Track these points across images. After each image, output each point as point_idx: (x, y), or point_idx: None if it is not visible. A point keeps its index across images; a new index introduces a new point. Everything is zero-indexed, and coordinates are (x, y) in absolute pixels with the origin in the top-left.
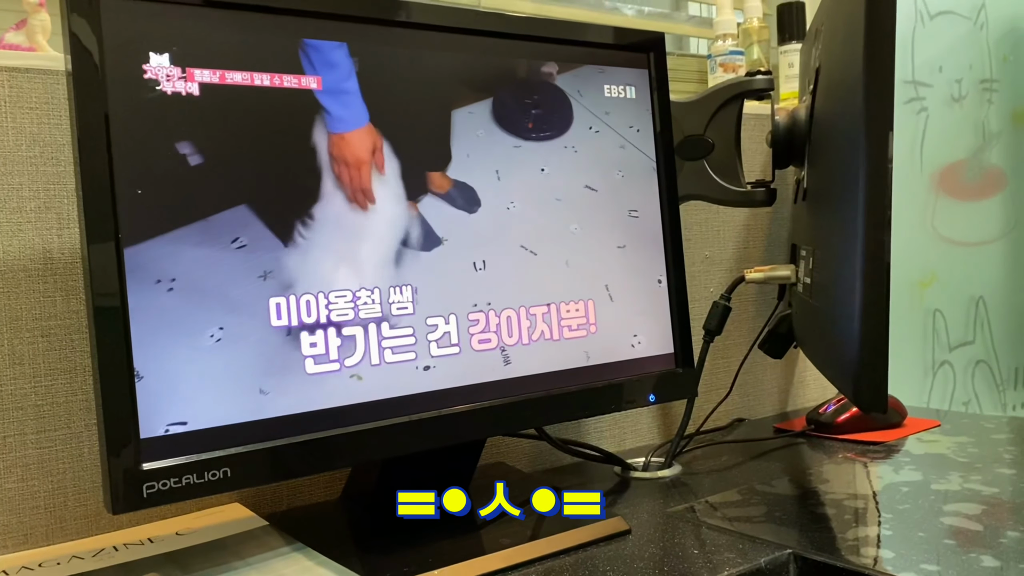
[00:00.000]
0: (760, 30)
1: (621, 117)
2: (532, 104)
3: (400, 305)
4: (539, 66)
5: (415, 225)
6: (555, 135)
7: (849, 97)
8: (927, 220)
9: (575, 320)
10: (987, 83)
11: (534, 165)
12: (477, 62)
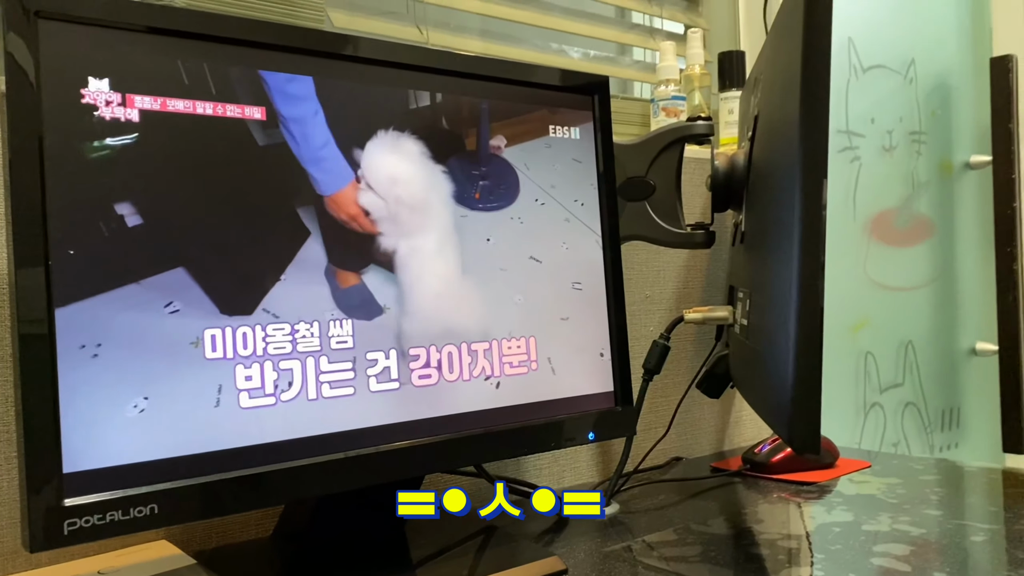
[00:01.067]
0: (702, 77)
1: (567, 191)
2: (480, 175)
3: (339, 339)
4: (487, 139)
5: (356, 294)
6: (502, 206)
7: (786, 145)
8: (860, 265)
9: (516, 357)
10: (916, 135)
11: (480, 235)
12: (427, 119)
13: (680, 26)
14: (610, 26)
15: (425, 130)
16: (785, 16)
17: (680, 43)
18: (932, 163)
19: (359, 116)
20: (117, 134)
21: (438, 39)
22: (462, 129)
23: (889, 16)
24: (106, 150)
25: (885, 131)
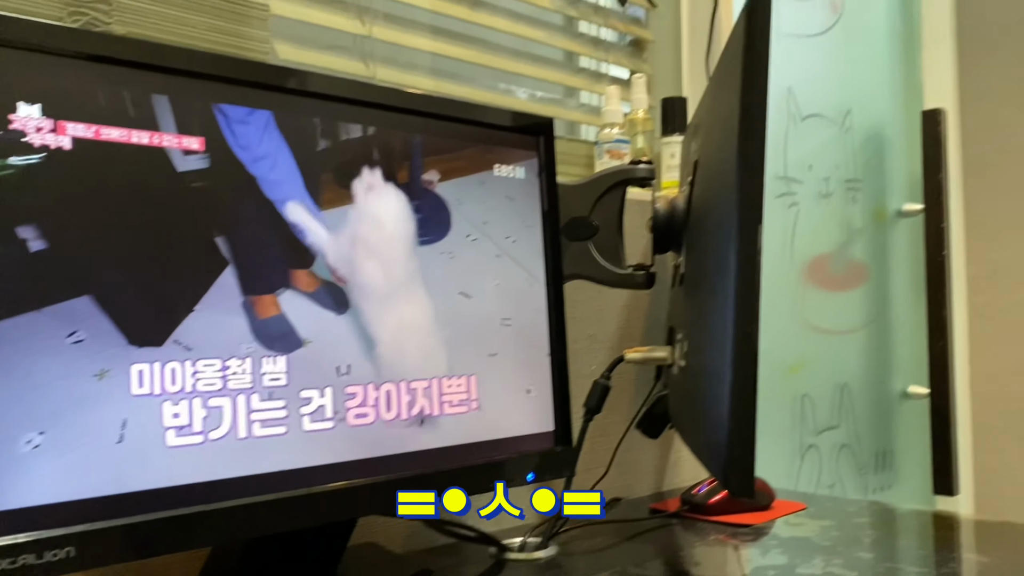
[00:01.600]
0: (645, 121)
1: (499, 227)
2: (412, 209)
3: (272, 376)
4: (420, 174)
5: (275, 325)
6: (432, 240)
7: (724, 191)
8: (798, 308)
9: (456, 396)
10: (852, 182)
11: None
12: (361, 150)
13: (625, 71)
14: (558, 69)
15: (361, 163)
16: (725, 65)
17: (625, 88)
18: (867, 210)
19: (298, 147)
20: (34, 157)
21: (385, 75)
22: (396, 163)
23: (826, 68)
24: (10, 170)
25: (822, 178)
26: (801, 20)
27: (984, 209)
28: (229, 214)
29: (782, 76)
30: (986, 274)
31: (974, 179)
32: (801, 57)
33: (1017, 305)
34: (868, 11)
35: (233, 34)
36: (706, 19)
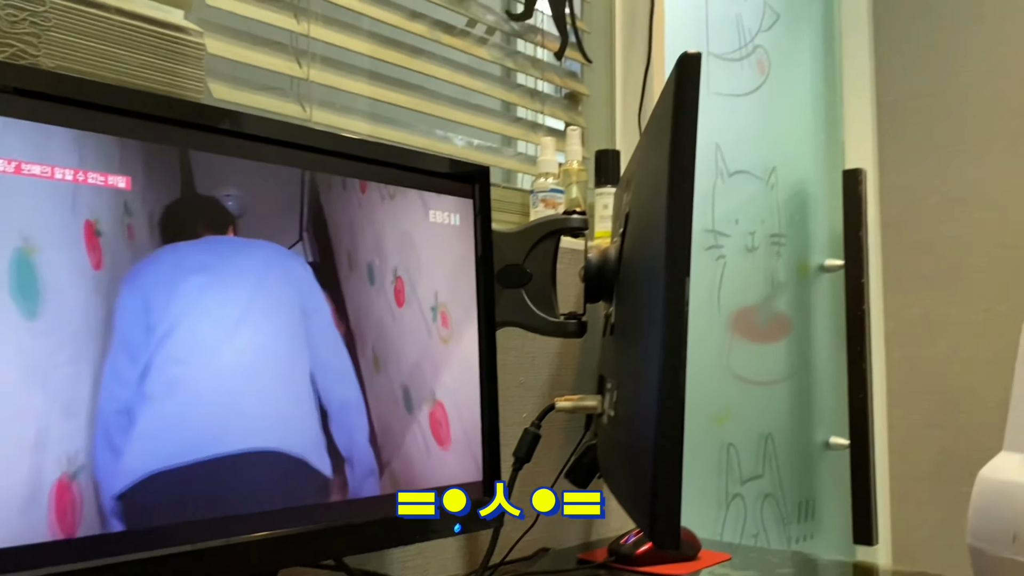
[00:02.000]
0: (579, 172)
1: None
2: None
3: None
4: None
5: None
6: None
7: (653, 243)
8: (724, 359)
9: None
10: (776, 237)
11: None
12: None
13: (561, 123)
14: (495, 118)
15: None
16: (656, 122)
17: (560, 139)
18: (791, 264)
19: (227, 188)
20: None
21: (322, 118)
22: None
23: (753, 126)
24: None
25: (748, 232)
26: (730, 80)
27: (901, 266)
28: None
29: (711, 133)
30: (903, 329)
31: (892, 237)
32: (730, 115)
33: (931, 360)
34: (793, 74)
35: (167, 72)
36: (639, 76)
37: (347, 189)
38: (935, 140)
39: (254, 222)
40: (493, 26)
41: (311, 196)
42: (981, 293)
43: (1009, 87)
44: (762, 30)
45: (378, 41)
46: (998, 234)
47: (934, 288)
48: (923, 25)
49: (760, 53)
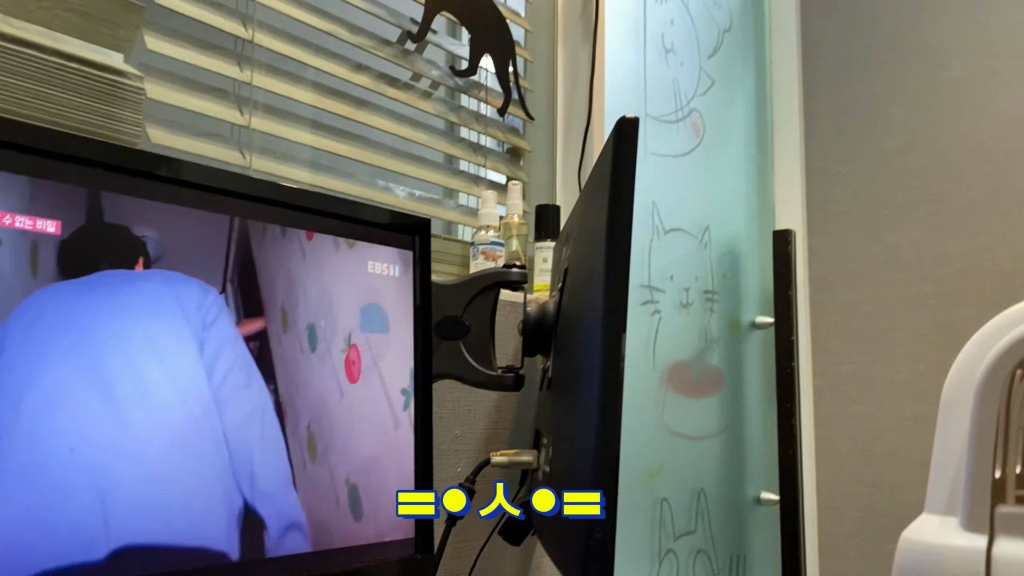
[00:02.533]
0: (520, 225)
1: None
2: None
3: None
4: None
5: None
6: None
7: (590, 299)
8: (658, 413)
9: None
10: (709, 294)
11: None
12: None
13: (503, 177)
14: (437, 170)
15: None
16: (595, 180)
17: (502, 193)
18: (723, 321)
19: (144, 232)
20: None
21: (262, 166)
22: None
23: (688, 186)
24: None
25: (683, 288)
26: (666, 141)
27: (829, 325)
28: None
29: (648, 191)
30: (831, 386)
31: (820, 296)
32: (666, 175)
33: (857, 418)
34: (726, 137)
35: (105, 116)
36: (579, 134)
37: (283, 238)
38: (860, 205)
39: (173, 268)
40: (437, 81)
41: (240, 245)
42: (904, 353)
43: (927, 158)
44: (697, 94)
45: (322, 91)
46: (920, 296)
47: (860, 347)
48: (849, 96)
49: (695, 116)
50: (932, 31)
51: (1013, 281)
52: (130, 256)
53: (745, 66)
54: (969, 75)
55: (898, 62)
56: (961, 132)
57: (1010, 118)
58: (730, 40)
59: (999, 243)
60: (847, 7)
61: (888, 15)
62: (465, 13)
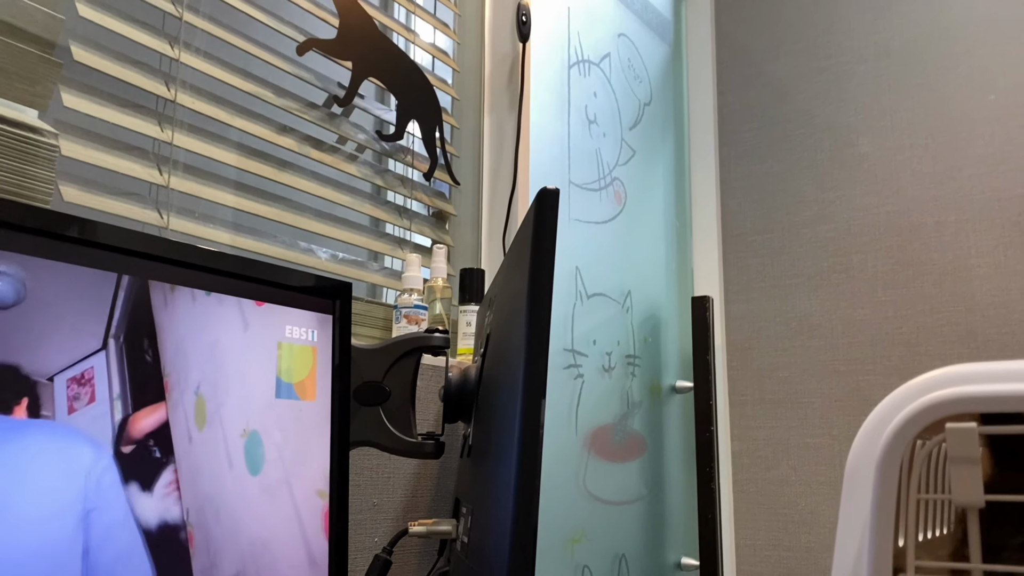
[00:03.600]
0: (443, 289)
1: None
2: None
3: None
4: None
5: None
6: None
7: (511, 365)
8: (580, 478)
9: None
10: (631, 358)
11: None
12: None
13: (428, 240)
14: (362, 233)
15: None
16: (517, 248)
17: (427, 256)
18: (644, 385)
19: (65, 299)
20: None
21: (180, 226)
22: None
23: (610, 252)
24: None
25: (605, 352)
26: (589, 208)
27: (745, 390)
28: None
29: (572, 257)
30: (747, 451)
31: (737, 361)
32: (589, 241)
33: (773, 483)
34: (647, 205)
35: (16, 173)
36: (504, 199)
37: (193, 302)
38: (774, 273)
39: (40, 328)
40: (364, 144)
41: (135, 307)
42: (818, 418)
43: (836, 229)
44: (619, 164)
45: (246, 152)
46: (831, 363)
47: (776, 412)
48: (762, 169)
49: (617, 185)
50: (841, 110)
51: (918, 349)
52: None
53: (665, 138)
54: (874, 152)
55: (809, 138)
56: (867, 206)
57: (911, 194)
58: (650, 113)
59: (904, 312)
60: (760, 85)
61: (799, 94)
62: (392, 79)
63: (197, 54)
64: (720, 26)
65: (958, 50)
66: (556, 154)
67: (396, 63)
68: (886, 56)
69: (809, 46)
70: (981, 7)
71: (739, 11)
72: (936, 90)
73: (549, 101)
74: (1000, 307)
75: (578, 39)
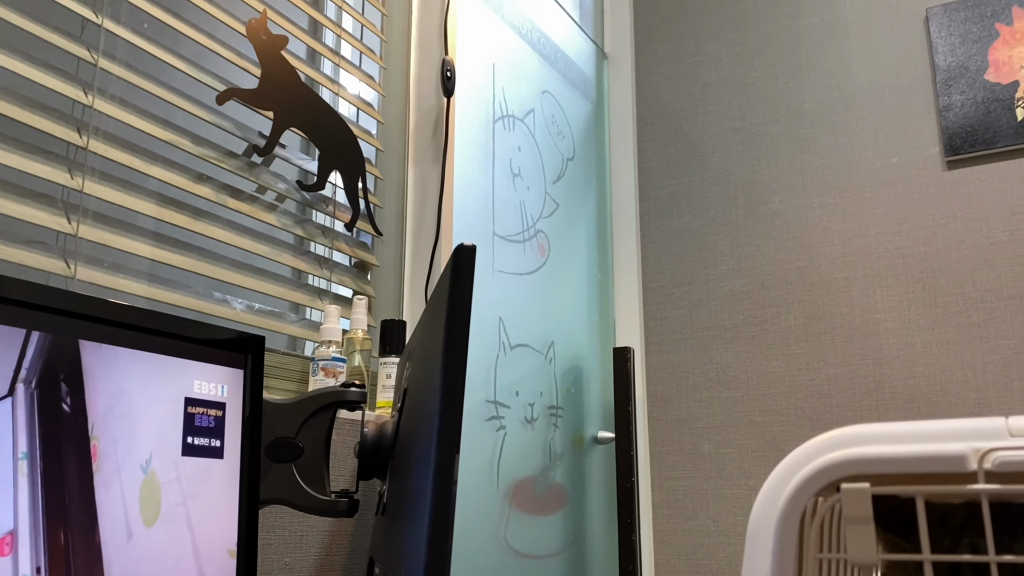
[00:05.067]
0: (363, 340)
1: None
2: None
3: None
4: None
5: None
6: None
7: (425, 420)
8: (501, 532)
9: None
10: (554, 409)
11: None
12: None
13: (350, 291)
14: (281, 283)
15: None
16: (434, 302)
17: (347, 307)
18: (567, 436)
19: None
20: None
21: (89, 276)
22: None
23: (533, 302)
24: None
25: (527, 404)
26: (513, 259)
27: (666, 440)
28: None
29: (495, 307)
30: (668, 502)
31: (657, 412)
32: (513, 292)
33: (693, 533)
34: (570, 257)
35: None
36: (427, 251)
37: (96, 356)
38: (693, 324)
39: None
40: (284, 194)
41: (36, 362)
42: (735, 468)
43: (751, 283)
44: (543, 216)
45: (160, 200)
46: (747, 413)
47: (695, 462)
48: (681, 224)
49: (541, 237)
50: (755, 169)
51: (830, 401)
52: None
53: (587, 192)
54: (787, 210)
55: (725, 195)
56: (780, 261)
57: (821, 251)
58: (573, 168)
59: (816, 365)
60: (679, 143)
61: (716, 152)
62: (314, 130)
63: (112, 100)
64: (640, 86)
65: (863, 114)
66: (480, 206)
67: (318, 113)
68: (797, 119)
69: (726, 107)
70: (883, 75)
71: (659, 72)
72: (844, 152)
73: (474, 154)
74: (905, 360)
75: (503, 94)
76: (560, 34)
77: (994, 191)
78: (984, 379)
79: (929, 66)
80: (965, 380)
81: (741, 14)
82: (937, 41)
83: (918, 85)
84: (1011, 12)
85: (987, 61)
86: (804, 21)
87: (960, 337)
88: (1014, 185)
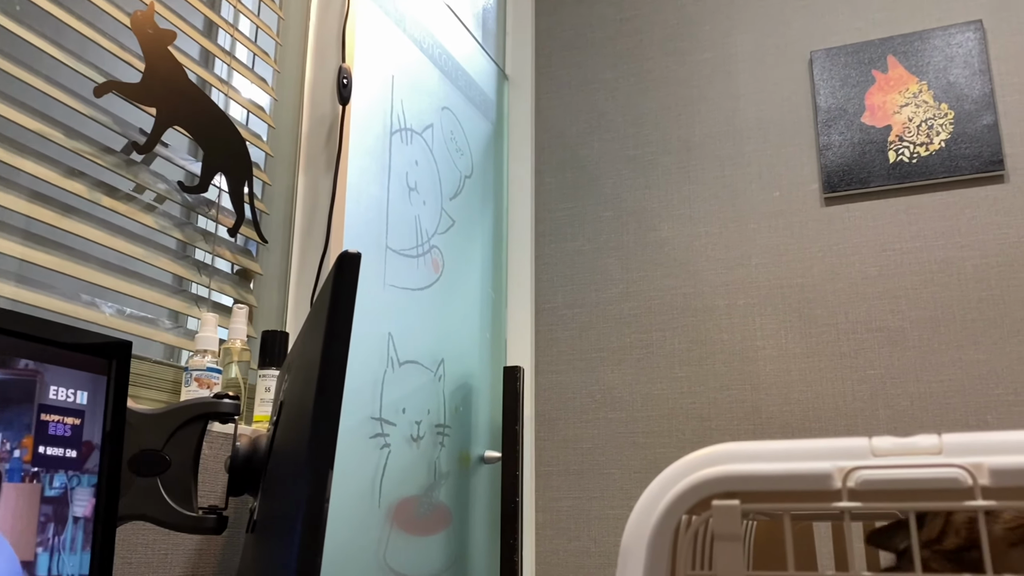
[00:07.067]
0: (242, 351)
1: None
2: None
3: None
4: None
5: None
6: None
7: (299, 435)
8: (380, 553)
9: None
10: (441, 428)
11: None
12: None
13: (230, 299)
14: (158, 288)
15: None
16: (316, 311)
17: (226, 316)
18: (453, 455)
19: None
20: None
21: None
22: None
23: (425, 318)
24: None
25: (414, 422)
26: (406, 274)
27: (551, 460)
28: None
29: (385, 322)
30: (551, 522)
31: (544, 432)
32: (404, 307)
33: (575, 554)
34: (464, 275)
35: None
36: (315, 260)
37: None
38: (582, 346)
39: None
40: (164, 195)
41: None
42: (618, 489)
43: (638, 308)
44: (438, 232)
45: (24, 194)
46: (630, 435)
47: (579, 483)
48: (574, 247)
49: (435, 253)
50: (645, 196)
51: (709, 424)
52: None
53: (484, 211)
54: (674, 237)
55: (616, 221)
56: (667, 287)
57: (705, 278)
58: (471, 186)
59: (697, 388)
60: (575, 167)
61: (609, 179)
62: (198, 130)
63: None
64: (540, 110)
65: (749, 149)
66: (373, 218)
67: (205, 113)
68: (687, 150)
69: (620, 135)
70: (769, 112)
71: (558, 97)
72: (730, 184)
73: (369, 165)
74: (782, 386)
75: (401, 107)
76: (461, 52)
77: (867, 228)
78: (853, 406)
79: (811, 106)
80: (836, 407)
81: (638, 46)
82: (819, 83)
83: (801, 124)
84: (887, 60)
85: (864, 105)
86: (698, 56)
87: (832, 366)
88: (885, 223)
